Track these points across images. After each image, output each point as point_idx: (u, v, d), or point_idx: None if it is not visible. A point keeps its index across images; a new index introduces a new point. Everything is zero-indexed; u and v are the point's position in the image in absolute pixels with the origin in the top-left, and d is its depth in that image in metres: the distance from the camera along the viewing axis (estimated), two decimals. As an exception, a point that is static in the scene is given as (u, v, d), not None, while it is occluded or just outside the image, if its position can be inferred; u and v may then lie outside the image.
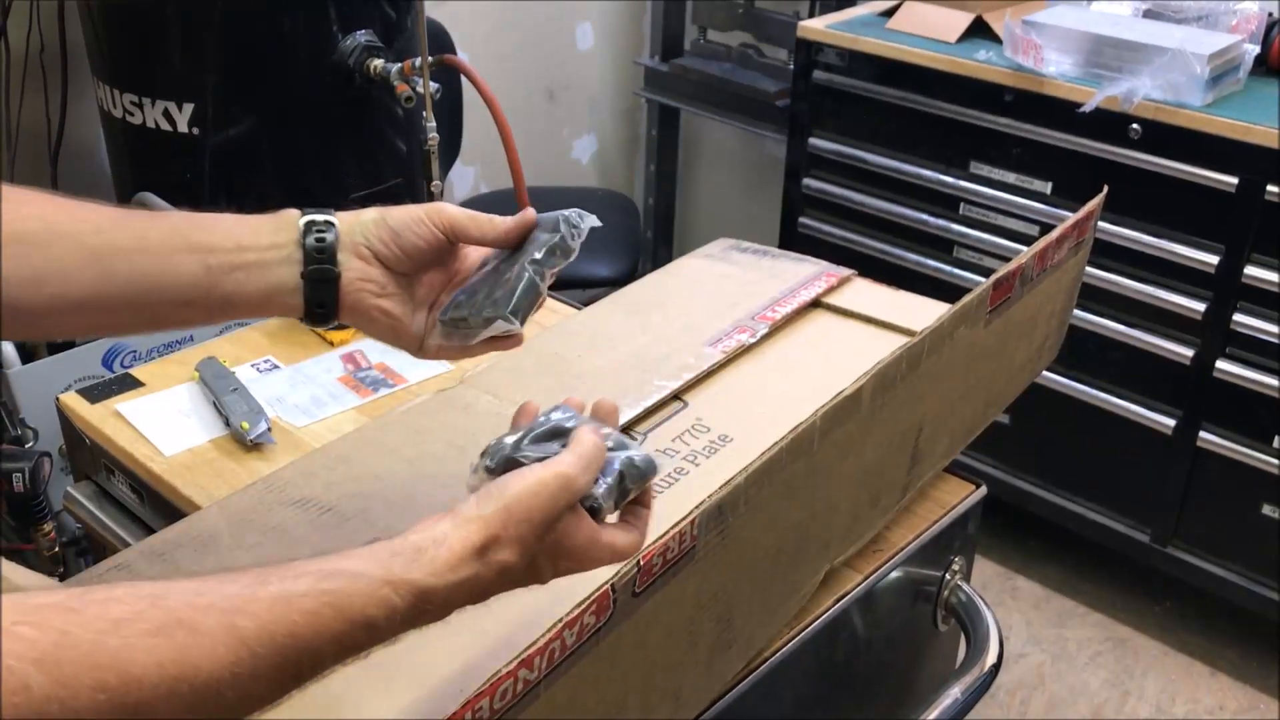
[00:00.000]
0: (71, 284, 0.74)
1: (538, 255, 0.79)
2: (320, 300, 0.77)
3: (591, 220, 0.81)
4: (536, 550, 0.66)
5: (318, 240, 0.77)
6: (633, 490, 0.70)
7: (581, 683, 0.67)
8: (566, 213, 0.81)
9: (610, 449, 0.70)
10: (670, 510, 0.72)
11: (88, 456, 1.13)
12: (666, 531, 0.69)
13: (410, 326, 0.81)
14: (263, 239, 0.77)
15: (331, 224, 0.78)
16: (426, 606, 0.62)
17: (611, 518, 0.70)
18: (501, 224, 0.81)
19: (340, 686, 0.71)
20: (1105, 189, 1.13)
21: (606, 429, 0.71)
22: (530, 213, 0.81)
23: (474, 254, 0.84)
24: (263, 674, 0.55)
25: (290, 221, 0.78)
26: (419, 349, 0.82)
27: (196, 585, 0.56)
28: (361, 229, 0.79)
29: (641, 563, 0.67)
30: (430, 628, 0.64)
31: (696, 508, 0.71)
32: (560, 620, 0.63)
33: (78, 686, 0.49)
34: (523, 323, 0.78)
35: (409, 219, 0.79)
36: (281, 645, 0.56)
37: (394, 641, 0.62)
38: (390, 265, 0.80)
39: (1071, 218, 1.06)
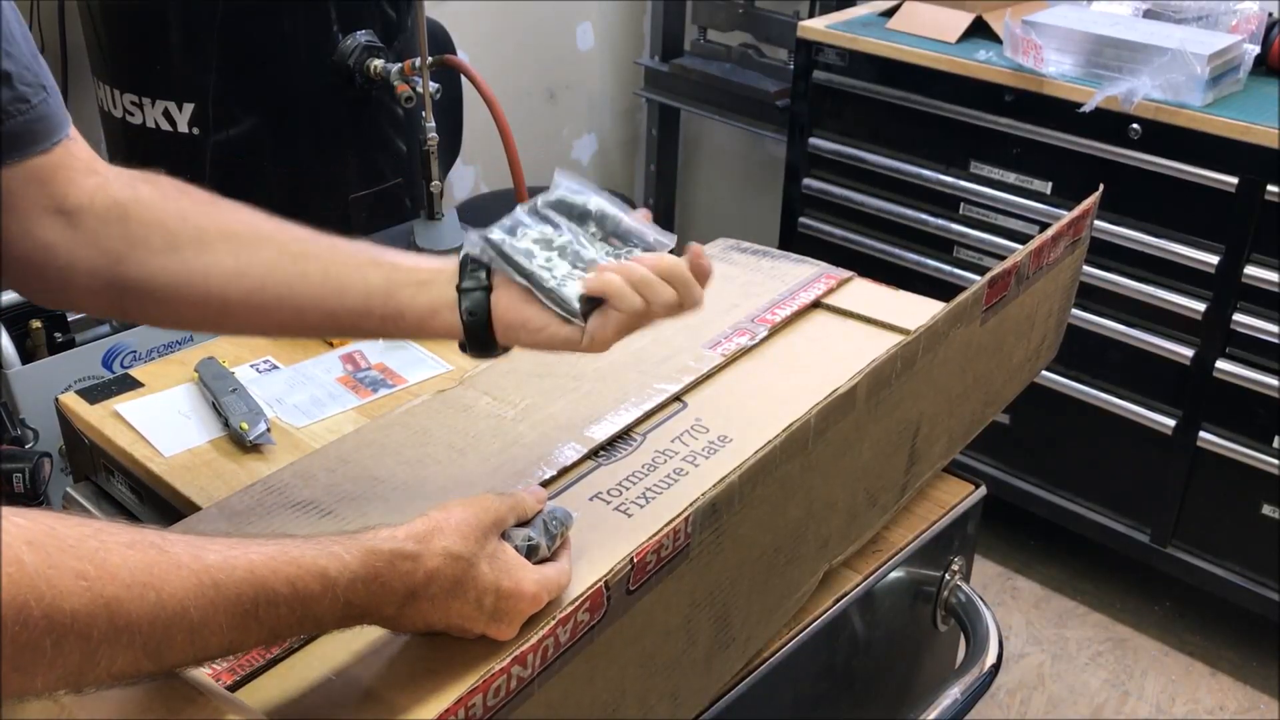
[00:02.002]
0: (269, 280, 0.85)
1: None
2: (472, 309, 0.84)
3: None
4: (476, 549, 0.72)
5: (474, 261, 0.85)
6: (558, 535, 0.80)
7: (576, 681, 0.67)
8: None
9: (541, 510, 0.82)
10: (669, 511, 0.72)
11: (87, 457, 1.13)
12: (660, 529, 0.69)
13: (562, 331, 0.84)
14: (437, 263, 0.87)
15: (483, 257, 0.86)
16: (374, 569, 0.67)
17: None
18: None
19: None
20: (1101, 187, 1.13)
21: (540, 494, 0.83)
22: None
23: None
24: (222, 604, 0.60)
25: (456, 256, 0.87)
26: (581, 345, 0.85)
27: (169, 528, 0.64)
28: None
29: (635, 560, 0.67)
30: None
31: (690, 505, 0.71)
32: (554, 617, 0.63)
33: (63, 570, 0.54)
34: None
35: None
36: (240, 580, 0.61)
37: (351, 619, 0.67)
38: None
39: (1067, 216, 1.06)
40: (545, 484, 0.92)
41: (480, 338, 0.85)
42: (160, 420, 1.10)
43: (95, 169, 0.88)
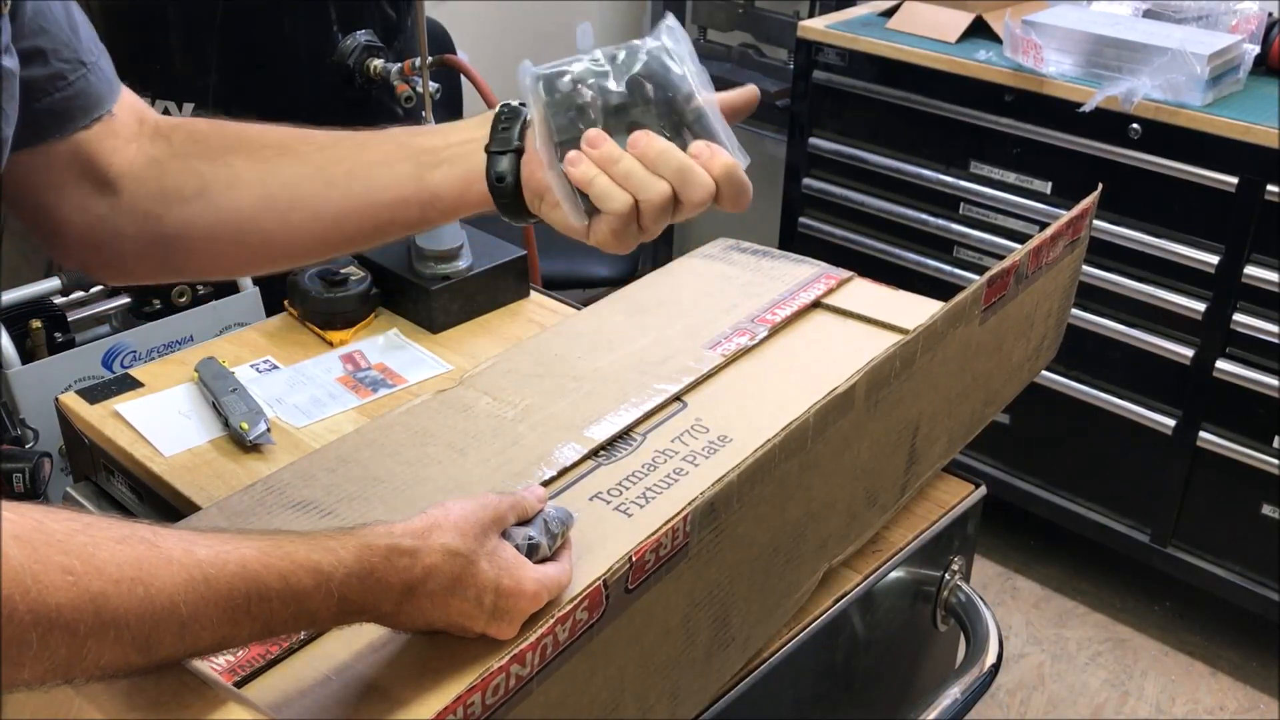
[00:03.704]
0: (298, 199, 0.83)
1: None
2: (500, 174, 0.78)
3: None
4: (475, 546, 0.72)
5: (505, 123, 0.80)
6: (559, 535, 0.80)
7: (575, 679, 0.67)
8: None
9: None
10: (669, 511, 0.72)
11: (87, 457, 1.13)
12: (659, 528, 0.69)
13: (570, 216, 0.77)
14: (467, 133, 0.81)
15: (521, 110, 0.81)
16: (369, 564, 0.67)
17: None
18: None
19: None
20: (1100, 187, 1.13)
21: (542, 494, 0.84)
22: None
23: None
24: (213, 599, 0.60)
25: (490, 114, 0.82)
26: (588, 239, 0.78)
27: (161, 522, 0.64)
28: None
29: (634, 559, 0.67)
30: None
31: (689, 504, 0.71)
32: (552, 616, 0.63)
33: (49, 565, 0.54)
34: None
35: None
36: (232, 574, 0.61)
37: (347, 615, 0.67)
38: None
39: (1066, 216, 1.06)
40: (545, 484, 0.92)
41: (511, 204, 0.80)
42: (160, 420, 1.10)
43: (138, 132, 0.87)
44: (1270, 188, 1.81)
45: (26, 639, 0.53)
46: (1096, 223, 1.99)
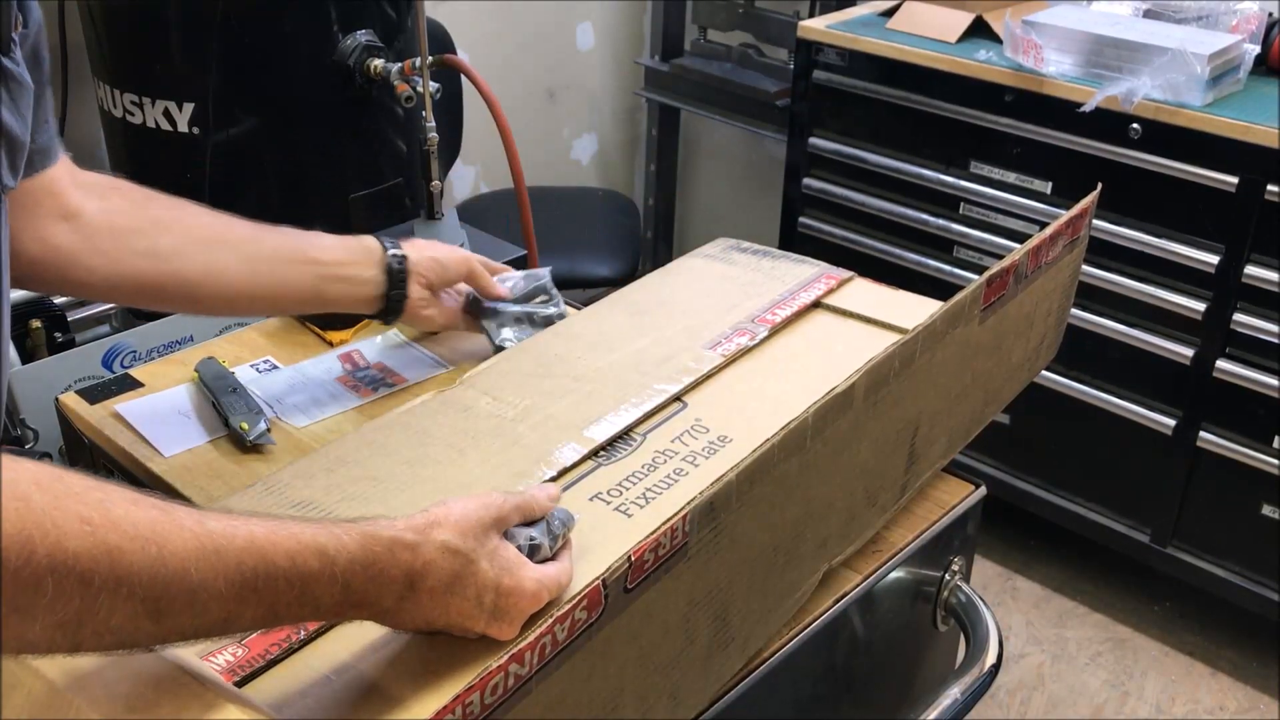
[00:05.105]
0: (226, 280, 1.05)
1: (509, 334, 1.18)
2: (393, 310, 1.13)
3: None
4: (475, 545, 0.72)
5: (397, 270, 1.12)
6: (560, 535, 0.81)
7: (574, 679, 0.67)
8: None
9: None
10: (669, 511, 0.72)
11: (87, 457, 1.13)
12: (658, 528, 0.69)
13: (438, 320, 1.17)
14: (357, 258, 1.10)
15: (405, 256, 1.12)
16: (373, 553, 0.67)
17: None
18: (495, 290, 1.20)
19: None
20: (1099, 186, 1.13)
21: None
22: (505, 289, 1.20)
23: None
24: (222, 570, 0.61)
25: (376, 251, 1.11)
26: (440, 329, 1.21)
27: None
28: (423, 264, 1.13)
29: (633, 558, 0.67)
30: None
31: (688, 504, 0.71)
32: (551, 615, 0.63)
33: (68, 512, 0.55)
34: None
35: (452, 260, 1.16)
36: (241, 548, 0.62)
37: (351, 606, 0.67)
38: (432, 287, 1.15)
39: (1065, 215, 1.06)
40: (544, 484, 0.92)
41: (392, 321, 1.15)
42: (160, 420, 1.10)
43: (79, 179, 1.02)
44: (1270, 188, 1.81)
45: (42, 584, 0.53)
46: (1096, 223, 1.99)
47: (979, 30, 2.17)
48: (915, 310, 1.15)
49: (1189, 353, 1.98)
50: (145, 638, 0.60)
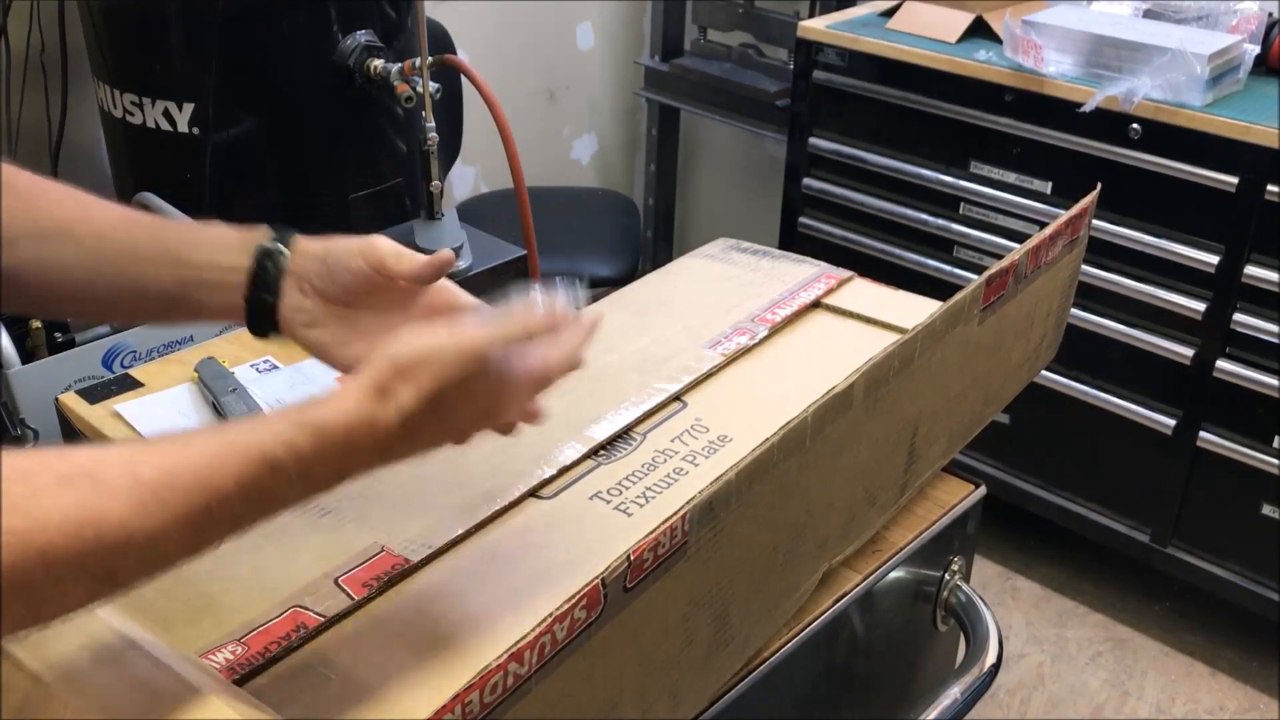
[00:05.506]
0: (89, 278, 0.83)
1: None
2: (259, 325, 0.84)
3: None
4: (441, 400, 0.68)
5: (261, 271, 0.83)
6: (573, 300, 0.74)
7: (574, 678, 0.67)
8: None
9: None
10: (669, 510, 0.72)
11: (87, 456, 1.13)
12: (657, 527, 0.69)
13: (340, 354, 0.83)
14: (230, 259, 0.83)
15: (283, 253, 0.83)
16: (327, 443, 0.65)
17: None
18: (412, 261, 0.82)
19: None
20: (1099, 186, 1.13)
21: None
22: (443, 255, 0.83)
23: (445, 294, 0.85)
24: (170, 519, 0.59)
25: (253, 245, 0.83)
26: (338, 363, 0.85)
27: (104, 445, 0.63)
28: (305, 262, 0.83)
29: (632, 558, 0.67)
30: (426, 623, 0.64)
31: (687, 503, 0.71)
32: (550, 614, 0.63)
33: None
34: None
35: (343, 253, 0.83)
36: (185, 488, 0.59)
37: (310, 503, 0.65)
38: (327, 297, 0.83)
39: (1065, 215, 1.06)
40: (545, 483, 0.92)
41: (267, 337, 0.86)
42: (160, 420, 1.10)
43: None
44: (1270, 188, 1.81)
45: None
46: (1096, 223, 1.99)
47: (979, 30, 2.17)
48: (915, 310, 1.15)
49: (1189, 353, 1.98)
50: (110, 596, 0.59)
